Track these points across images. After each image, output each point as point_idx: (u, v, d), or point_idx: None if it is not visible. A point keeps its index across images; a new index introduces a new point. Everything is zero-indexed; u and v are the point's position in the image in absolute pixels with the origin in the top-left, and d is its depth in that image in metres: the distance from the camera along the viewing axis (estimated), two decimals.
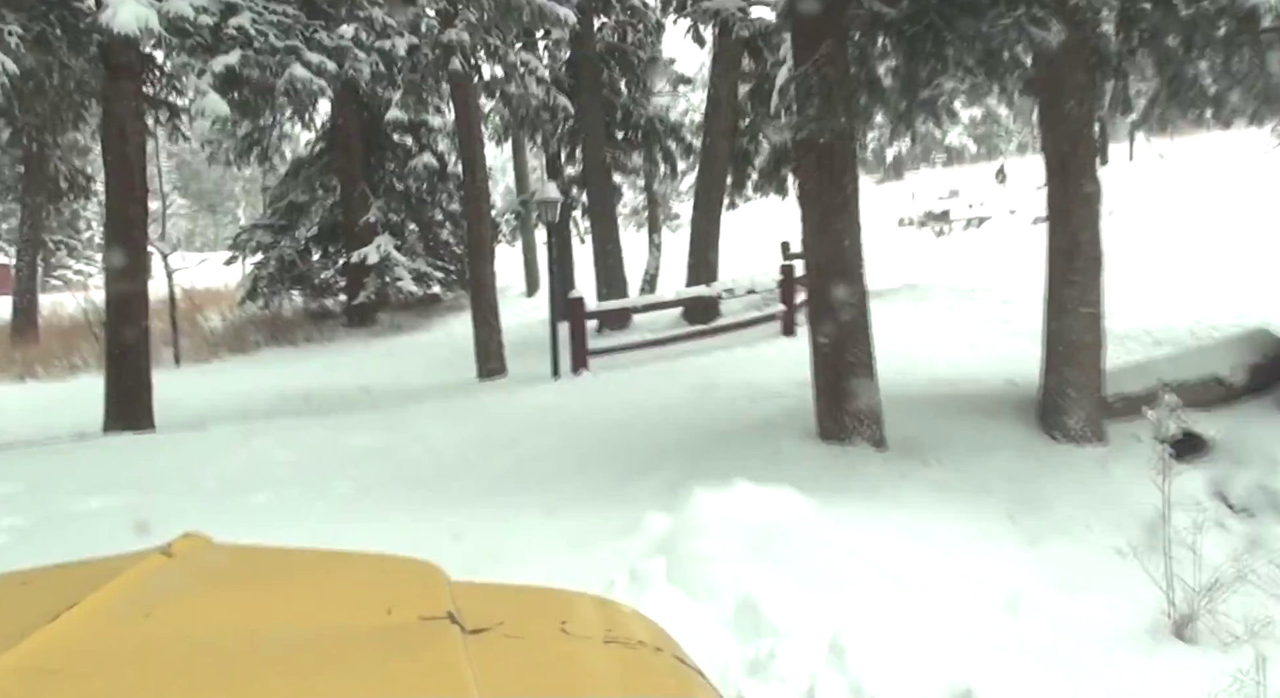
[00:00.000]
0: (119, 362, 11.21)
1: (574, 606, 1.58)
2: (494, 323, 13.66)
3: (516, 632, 1.33)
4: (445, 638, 1.23)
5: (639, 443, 7.72)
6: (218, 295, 24.65)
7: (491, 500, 6.16)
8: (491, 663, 1.18)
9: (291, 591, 1.45)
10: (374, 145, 21.79)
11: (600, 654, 1.34)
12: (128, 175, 10.96)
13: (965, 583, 4.95)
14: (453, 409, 9.92)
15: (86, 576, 1.38)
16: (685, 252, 22.08)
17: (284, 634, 1.24)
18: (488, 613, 1.37)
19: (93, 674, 1.07)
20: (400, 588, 1.49)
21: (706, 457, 7.15)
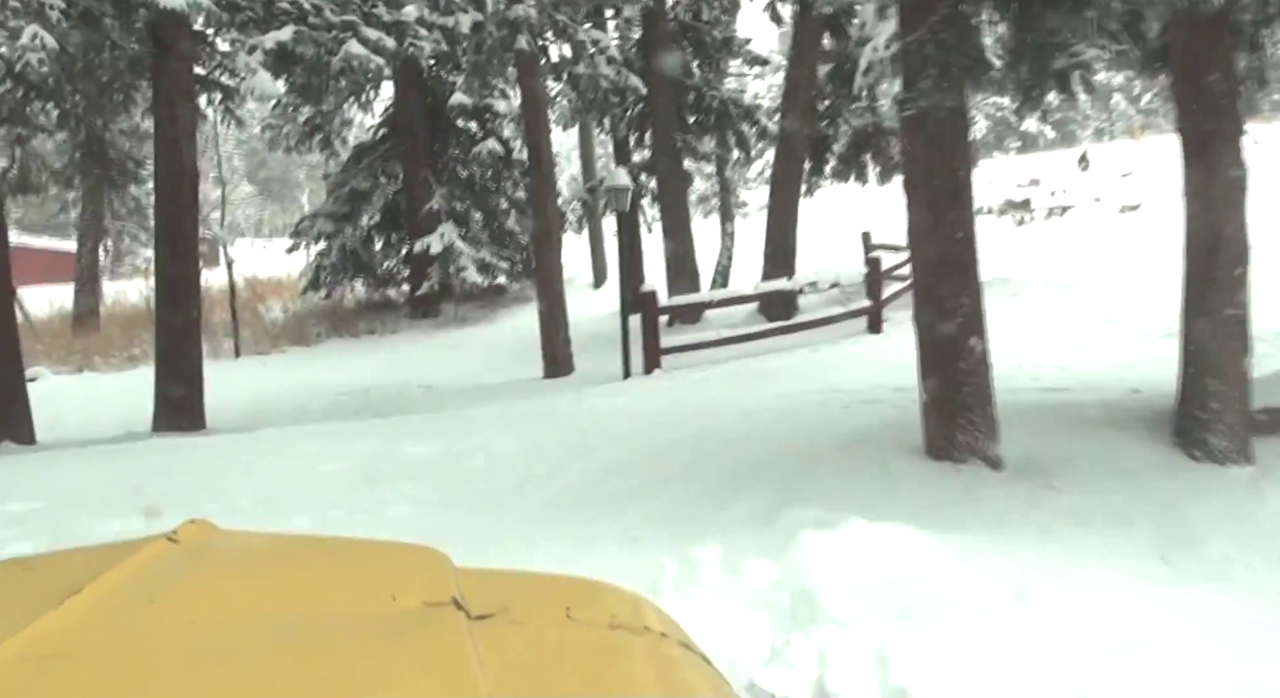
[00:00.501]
0: (169, 355, 10.69)
1: (579, 591, 1.56)
2: (560, 317, 12.94)
3: (521, 618, 1.32)
4: (450, 624, 1.23)
5: (723, 457, 6.92)
6: (280, 285, 24.27)
7: (561, 527, 5.41)
8: (496, 649, 1.16)
9: (296, 577, 1.45)
10: (437, 131, 21.18)
11: (606, 640, 1.32)
12: (177, 159, 10.40)
13: (1132, 646, 4.11)
14: (518, 413, 9.20)
15: (91, 561, 1.38)
16: (756, 241, 21.26)
17: (288, 620, 1.23)
18: (493, 599, 1.36)
19: (97, 660, 1.06)
20: (405, 574, 1.48)
21: (801, 475, 6.34)
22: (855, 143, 18.07)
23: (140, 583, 1.31)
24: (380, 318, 20.37)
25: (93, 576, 1.26)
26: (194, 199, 10.72)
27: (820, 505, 5.59)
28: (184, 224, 10.55)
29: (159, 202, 10.61)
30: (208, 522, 1.68)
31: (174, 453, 7.67)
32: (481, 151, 20.43)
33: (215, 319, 19.66)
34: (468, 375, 14.60)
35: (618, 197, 11.38)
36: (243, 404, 13.28)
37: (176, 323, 10.60)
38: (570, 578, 1.64)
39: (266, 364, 17.12)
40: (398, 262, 21.70)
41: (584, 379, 12.15)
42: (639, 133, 18.62)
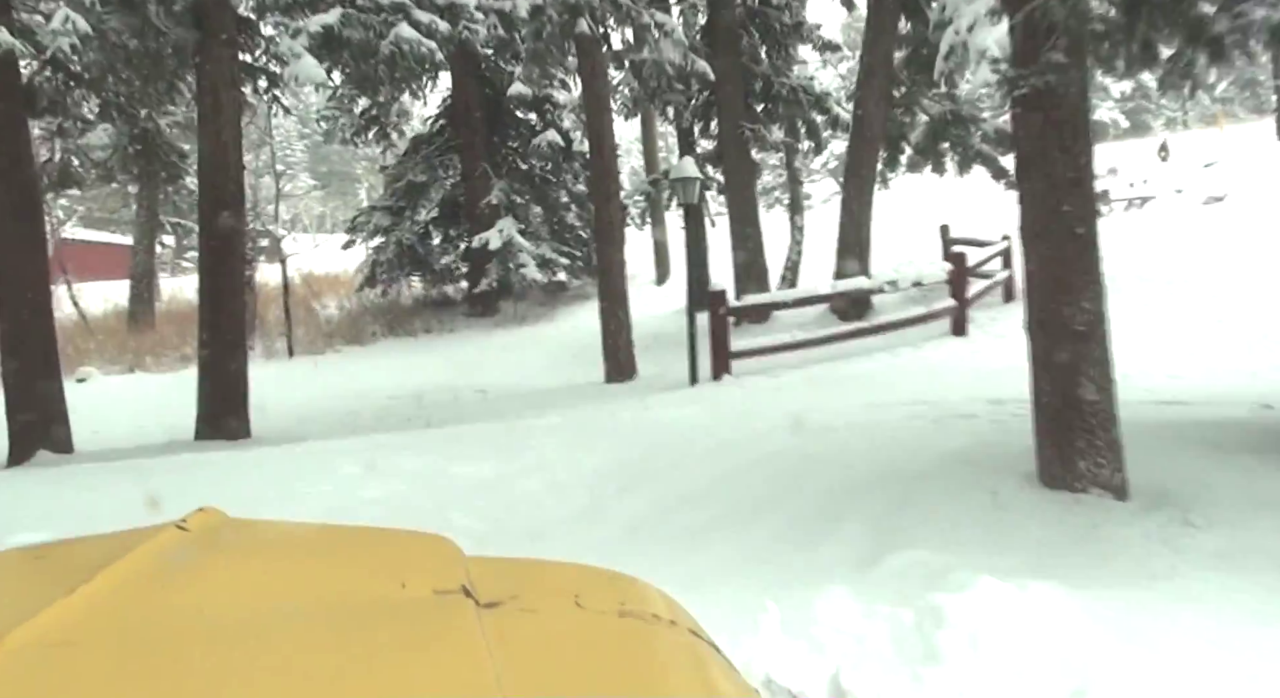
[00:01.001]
0: (212, 360, 10.16)
1: (589, 580, 1.52)
2: (623, 317, 12.23)
3: (530, 605, 1.31)
4: (459, 612, 1.23)
5: (808, 482, 6.17)
6: (336, 281, 23.85)
7: (632, 568, 4.72)
8: (505, 636, 1.15)
9: (306, 565, 1.46)
10: (496, 122, 20.57)
11: (614, 627, 1.30)
12: (221, 150, 9.86)
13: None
14: (579, 425, 8.51)
15: (102, 549, 1.37)
16: (822, 236, 20.37)
17: (298, 608, 1.22)
18: (502, 587, 1.34)
19: (109, 647, 1.06)
20: (415, 562, 1.49)
21: (900, 507, 5.56)
22: (932, 131, 17.15)
23: (151, 571, 1.31)
24: (437, 316, 19.83)
25: (104, 563, 1.25)
26: (239, 193, 10.17)
27: (928, 546, 4.84)
28: (227, 219, 10.01)
29: (202, 196, 10.09)
30: (218, 509, 1.65)
31: (207, 471, 7.08)
32: (541, 143, 19.77)
33: (270, 317, 19.28)
34: (526, 378, 13.97)
35: (685, 188, 10.64)
36: (292, 408, 12.78)
37: (220, 324, 10.06)
38: (580, 566, 1.63)
39: (319, 365, 16.64)
40: (455, 257, 21.14)
41: (647, 384, 11.44)
42: (704, 122, 17.84)
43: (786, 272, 18.64)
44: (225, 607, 1.21)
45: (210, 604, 1.22)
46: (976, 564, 4.60)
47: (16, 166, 9.23)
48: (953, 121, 16.91)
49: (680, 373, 11.77)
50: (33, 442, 9.31)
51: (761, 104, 17.27)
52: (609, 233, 12.25)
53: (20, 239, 9.21)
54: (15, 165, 9.22)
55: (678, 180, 10.67)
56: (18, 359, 9.28)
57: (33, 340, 9.36)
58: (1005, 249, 14.74)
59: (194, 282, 21.79)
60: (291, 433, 10.15)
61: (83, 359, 17.33)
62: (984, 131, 17.22)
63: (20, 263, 9.26)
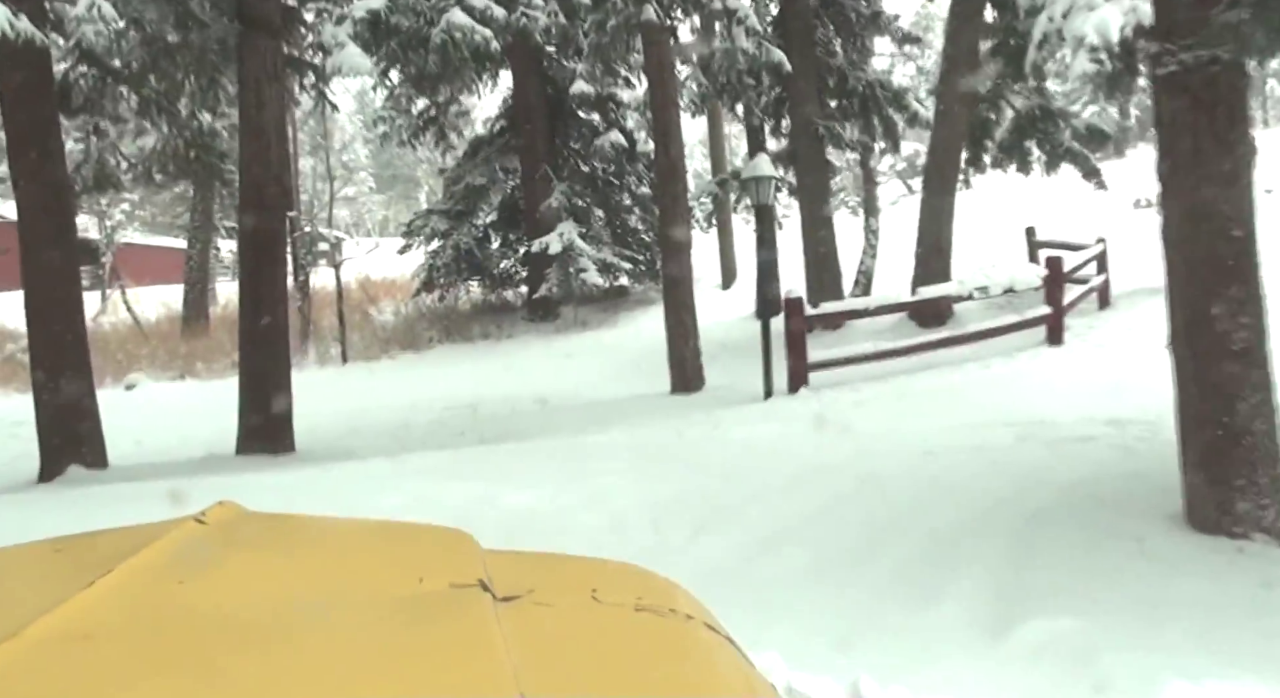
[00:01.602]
0: (253, 371, 9.56)
1: (605, 573, 1.53)
2: (690, 325, 11.44)
3: (547, 599, 1.31)
4: (477, 605, 1.22)
5: (910, 520, 5.34)
6: (393, 286, 23.35)
7: None
8: (522, 630, 1.15)
9: (324, 558, 1.46)
10: (558, 123, 19.90)
11: (631, 621, 1.29)
12: (263, 148, 9.26)
13: None
14: (643, 444, 7.73)
15: (121, 542, 1.39)
16: (895, 239, 19.40)
17: (316, 601, 1.22)
18: (519, 581, 1.34)
19: (127, 640, 1.06)
20: (432, 556, 1.48)
21: (1025, 555, 4.71)
22: (1018, 127, 16.13)
23: (169, 564, 1.30)
24: (496, 321, 19.19)
25: (122, 557, 1.25)
26: (282, 195, 9.56)
27: (1066, 612, 4.01)
28: (270, 222, 9.41)
29: (242, 197, 9.50)
30: (235, 503, 1.64)
31: (236, 496, 6.43)
32: (604, 144, 19.05)
33: (325, 323, 18.79)
34: (586, 386, 13.24)
35: (759, 187, 9.83)
36: (342, 418, 12.17)
37: (260, 335, 9.45)
38: (597, 560, 1.61)
39: (374, 372, 16.07)
40: (515, 262, 20.51)
41: (716, 397, 10.63)
42: (774, 120, 16.98)
43: (860, 277, 17.72)
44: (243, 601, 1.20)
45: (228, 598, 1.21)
46: (1132, 640, 3.77)
47: (47, 167, 8.70)
48: (1041, 117, 15.88)
49: (751, 384, 10.97)
50: (64, 457, 8.77)
51: (835, 100, 16.38)
52: (675, 235, 11.46)
53: (50, 244, 8.68)
54: (46, 165, 8.69)
55: (751, 179, 9.87)
56: (47, 370, 8.75)
57: (64, 350, 8.82)
58: (1100, 253, 13.72)
59: None
60: (337, 448, 9.52)
61: (134, 365, 16.95)
62: (1074, 128, 16.17)
63: (50, 269, 8.72)
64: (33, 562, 1.49)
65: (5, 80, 8.54)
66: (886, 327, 13.76)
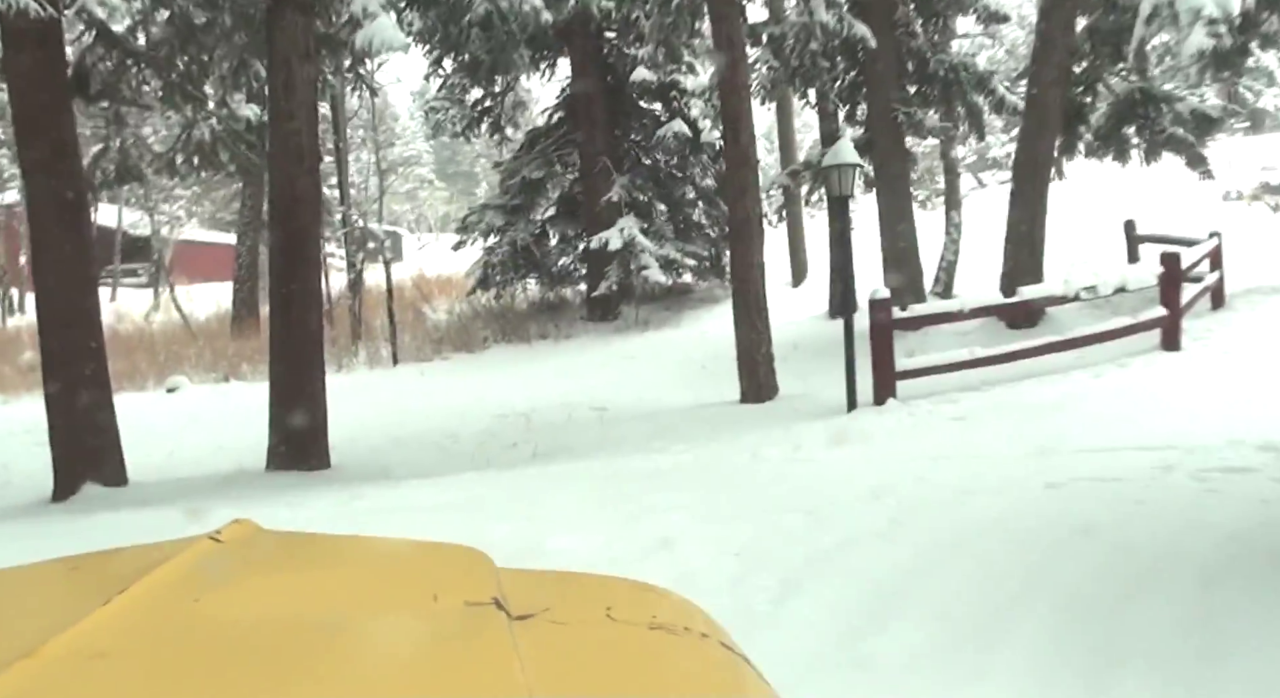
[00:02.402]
0: (284, 380, 8.77)
1: (619, 592, 1.50)
2: (762, 328, 10.44)
3: (562, 618, 1.27)
4: (491, 624, 1.19)
5: (1040, 576, 4.32)
6: (448, 284, 22.59)
7: None
8: (537, 649, 1.12)
9: (339, 577, 1.42)
10: (618, 113, 18.97)
11: (646, 640, 1.25)
12: (294, 135, 8.46)
13: None
14: (713, 470, 6.77)
15: (136, 560, 1.38)
16: (978, 234, 18.23)
17: (331, 620, 1.19)
18: (534, 599, 1.31)
19: (143, 658, 1.03)
20: (447, 575, 1.45)
21: (1196, 634, 3.69)
22: (1116, 112, 14.87)
23: (185, 582, 1.29)
24: (554, 320, 18.32)
25: (138, 574, 1.24)
26: (316, 188, 8.74)
27: None
28: (302, 216, 8.60)
29: (272, 189, 8.73)
30: (251, 521, 1.60)
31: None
32: (666, 135, 18.08)
33: (376, 323, 18.06)
34: (648, 392, 12.31)
35: (841, 176, 8.80)
36: (387, 426, 11.38)
37: (292, 338, 8.66)
38: (612, 578, 1.60)
39: (425, 374, 15.28)
40: (573, 259, 19.63)
41: (792, 407, 9.63)
42: (850, 106, 15.89)
43: (940, 274, 16.59)
44: (258, 619, 1.18)
45: (243, 616, 1.18)
46: None
47: (61, 158, 7.98)
48: (1141, 101, 14.61)
49: (829, 392, 9.97)
50: (80, 474, 8.05)
51: (915, 85, 15.25)
52: (745, 230, 10.48)
53: (63, 240, 7.96)
54: (60, 156, 7.97)
55: (833, 168, 8.84)
56: (62, 381, 8.02)
57: (79, 358, 8.09)
58: (1215, 248, 12.48)
59: None
60: (374, 464, 8.69)
61: (179, 367, 16.36)
62: (1177, 112, 14.87)
63: (64, 270, 8.00)
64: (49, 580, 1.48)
65: (12, 62, 7.83)
66: (972, 328, 12.62)
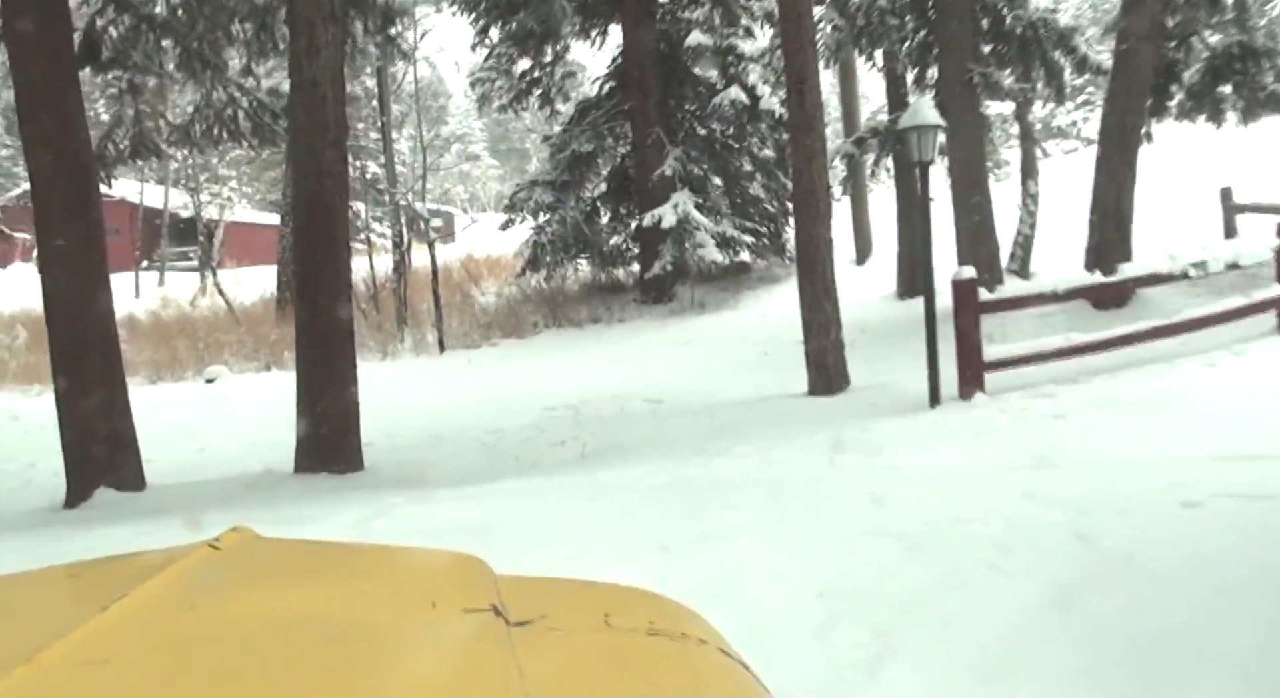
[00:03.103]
0: (310, 373, 8.09)
1: (618, 599, 1.50)
2: (831, 312, 9.56)
3: (560, 624, 1.30)
4: (489, 631, 1.21)
5: (1201, 631, 3.47)
6: (496, 265, 21.88)
7: None
8: (535, 655, 1.14)
9: (337, 584, 1.42)
10: (672, 81, 18.09)
11: (644, 646, 1.27)
12: (318, 104, 7.74)
13: None
14: (784, 480, 5.93)
15: (135, 568, 1.40)
16: (1050, 205, 17.10)
17: (328, 627, 1.19)
18: (532, 606, 1.33)
19: (141, 665, 1.04)
20: (445, 582, 1.46)
21: None
22: (1212, 69, 13.72)
23: (183, 590, 1.28)
24: (606, 303, 17.53)
25: (136, 581, 1.23)
26: (340, 160, 8.01)
27: None
28: (328, 194, 7.88)
29: (294, 163, 8.03)
30: (249, 528, 1.58)
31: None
32: (723, 103, 17.17)
33: (423, 306, 17.40)
34: (707, 381, 11.50)
35: (921, 140, 7.89)
36: (429, 420, 10.70)
37: (318, 332, 7.96)
38: (610, 585, 1.60)
39: (472, 361, 14.59)
40: (626, 237, 18.82)
41: (865, 400, 8.75)
42: (919, 69, 14.86)
43: (1016, 250, 15.53)
44: (257, 626, 1.19)
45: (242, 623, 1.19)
46: None
47: (67, 133, 7.33)
48: (1240, 55, 13.44)
49: (904, 383, 9.10)
50: (93, 478, 7.43)
51: (991, 44, 14.19)
52: (810, 202, 9.59)
53: (70, 222, 7.32)
54: (65, 131, 7.32)
55: (911, 130, 7.93)
56: (71, 377, 7.39)
57: (89, 352, 7.45)
58: None
59: (360, 265, 20.18)
60: (411, 467, 7.98)
61: (221, 355, 15.83)
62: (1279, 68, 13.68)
63: (71, 253, 7.36)
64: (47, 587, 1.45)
65: (12, 27, 7.17)
66: (1055, 310, 11.61)
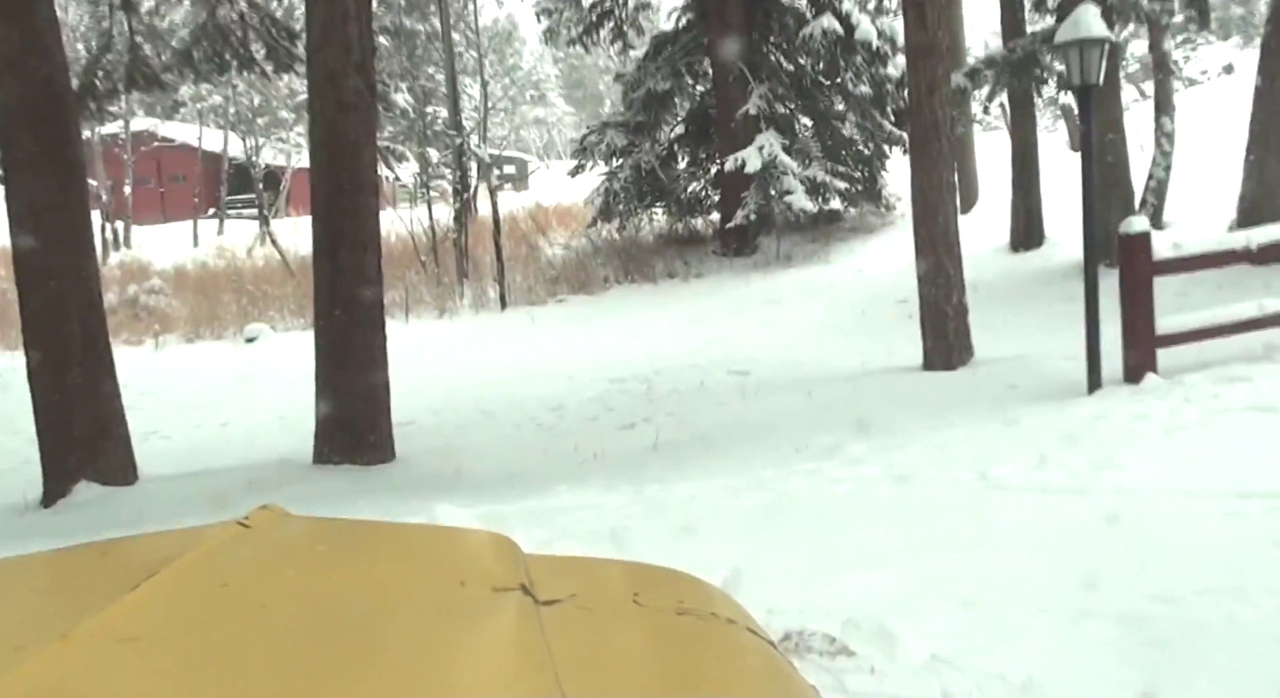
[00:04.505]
0: (332, 345, 6.81)
1: (647, 578, 1.53)
2: (952, 269, 8.01)
3: (589, 604, 1.29)
4: (518, 609, 1.20)
5: None
6: (566, 214, 20.47)
7: None
8: (564, 634, 1.13)
9: (366, 562, 1.44)
10: (756, 11, 16.38)
11: (673, 625, 1.28)
12: (338, 21, 6.42)
13: None
14: (917, 500, 4.47)
15: (165, 546, 1.42)
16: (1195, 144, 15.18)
17: (358, 605, 1.21)
18: (561, 585, 1.31)
19: (172, 643, 1.04)
20: (474, 561, 1.46)
21: None
22: None
23: (214, 568, 1.29)
24: (682, 256, 16.02)
25: (167, 560, 1.24)
26: (368, 91, 6.65)
27: None
28: (350, 131, 6.55)
29: (312, 93, 6.69)
30: (279, 507, 1.59)
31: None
32: (813, 33, 15.41)
33: (486, 260, 16.10)
34: (799, 348, 10.04)
35: (1084, 57, 6.29)
36: (482, 390, 9.44)
37: (343, 295, 6.66)
38: (638, 564, 1.63)
39: (535, 320, 13.27)
40: (705, 184, 17.28)
41: (999, 381, 7.17)
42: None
43: (1149, 196, 13.67)
44: (287, 604, 1.19)
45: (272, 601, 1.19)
46: None
47: (35, 53, 6.09)
48: None
49: (1037, 355, 7.61)
50: (71, 470, 6.25)
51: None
52: (932, 140, 8.01)
53: (41, 163, 6.09)
54: (34, 52, 6.10)
55: (1073, 44, 6.32)
56: (43, 347, 6.22)
57: (65, 318, 6.25)
58: None
59: (418, 215, 18.96)
60: (449, 457, 6.67)
61: (267, 310, 14.75)
62: None
63: (43, 204, 6.13)
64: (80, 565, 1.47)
65: None
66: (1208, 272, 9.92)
